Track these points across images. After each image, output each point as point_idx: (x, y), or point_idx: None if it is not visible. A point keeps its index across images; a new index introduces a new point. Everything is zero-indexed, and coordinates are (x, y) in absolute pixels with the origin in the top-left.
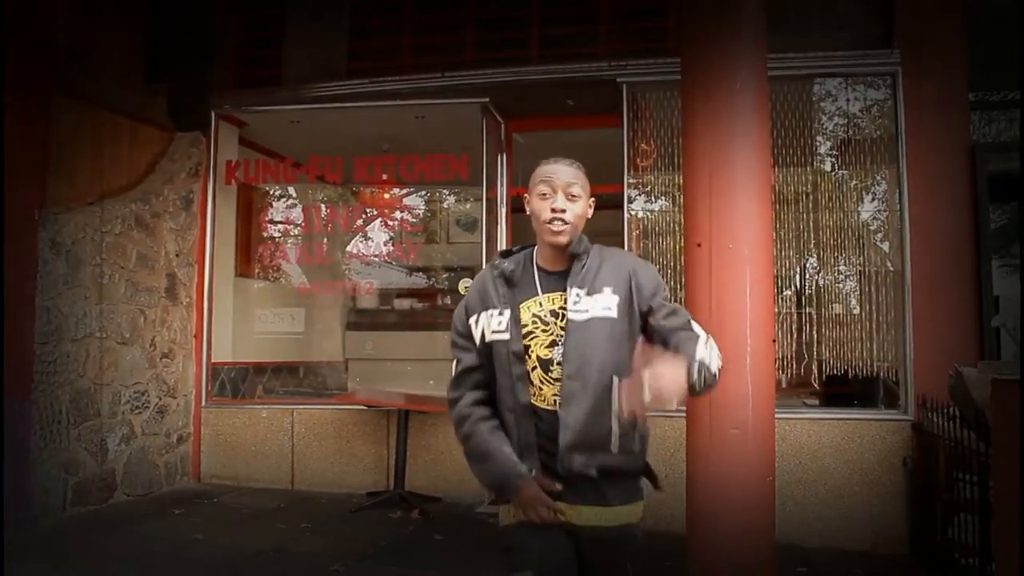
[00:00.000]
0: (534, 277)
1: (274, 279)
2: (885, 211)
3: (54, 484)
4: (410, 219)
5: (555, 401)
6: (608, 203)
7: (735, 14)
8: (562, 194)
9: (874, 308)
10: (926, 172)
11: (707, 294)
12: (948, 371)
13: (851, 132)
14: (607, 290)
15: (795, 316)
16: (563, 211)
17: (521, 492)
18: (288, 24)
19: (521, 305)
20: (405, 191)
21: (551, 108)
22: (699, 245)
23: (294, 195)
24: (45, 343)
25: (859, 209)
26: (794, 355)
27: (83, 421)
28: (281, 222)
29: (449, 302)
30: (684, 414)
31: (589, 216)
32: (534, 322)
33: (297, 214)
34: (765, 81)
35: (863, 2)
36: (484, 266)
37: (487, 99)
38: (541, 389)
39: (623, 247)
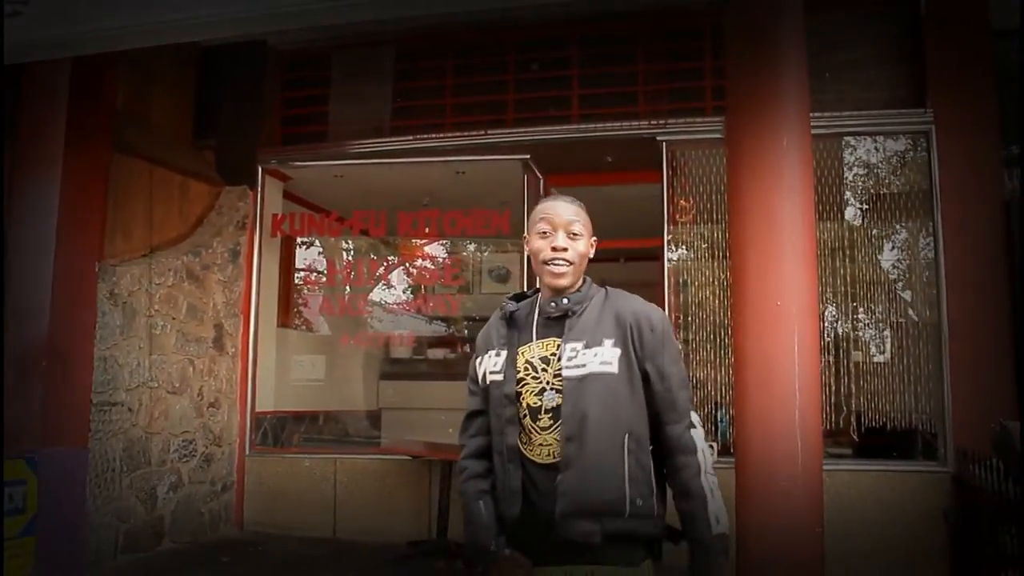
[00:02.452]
0: (534, 321)
1: (312, 330)
2: (920, 263)
3: (107, 531)
4: (434, 267)
5: (544, 453)
6: (646, 255)
7: (779, 74)
8: (563, 232)
9: (911, 360)
10: (961, 226)
11: (757, 351)
12: (990, 424)
13: (883, 187)
14: (607, 342)
15: (832, 367)
16: (564, 250)
17: (491, 571)
18: (333, 83)
19: (519, 348)
20: (439, 242)
21: (590, 164)
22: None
23: (332, 247)
24: (101, 392)
25: (893, 262)
26: (832, 406)
27: (135, 469)
28: (314, 270)
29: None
30: (733, 466)
31: (591, 256)
32: (527, 368)
33: (335, 265)
34: (809, 137)
35: (895, 63)
36: None
37: (528, 156)
38: (531, 437)
39: (662, 298)
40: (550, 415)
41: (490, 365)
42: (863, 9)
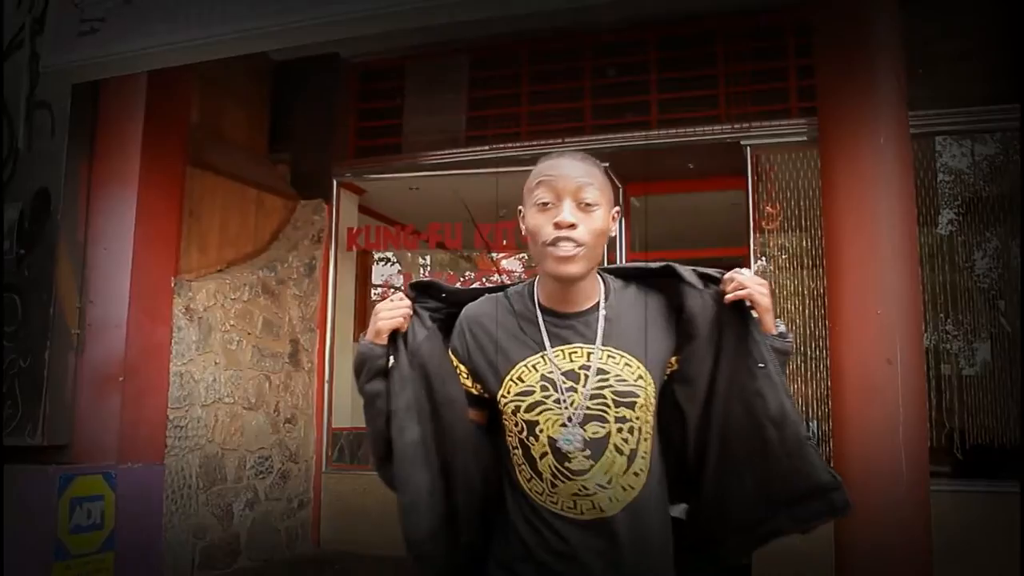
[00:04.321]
0: (538, 322)
1: None
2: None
3: (183, 548)
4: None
5: (585, 506)
6: (732, 265)
7: (874, 68)
8: (571, 201)
9: (1016, 371)
10: None
11: (856, 363)
12: None
13: (977, 190)
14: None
15: (933, 381)
16: (572, 226)
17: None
18: (407, 94)
19: (522, 362)
20: (516, 256)
21: (672, 171)
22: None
23: (410, 262)
24: (178, 408)
25: (985, 270)
26: (932, 421)
27: (211, 486)
28: (391, 287)
29: None
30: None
31: (612, 233)
32: (544, 388)
33: (402, 279)
34: (907, 135)
35: (991, 58)
36: None
37: (607, 164)
38: (554, 486)
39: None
40: (587, 453)
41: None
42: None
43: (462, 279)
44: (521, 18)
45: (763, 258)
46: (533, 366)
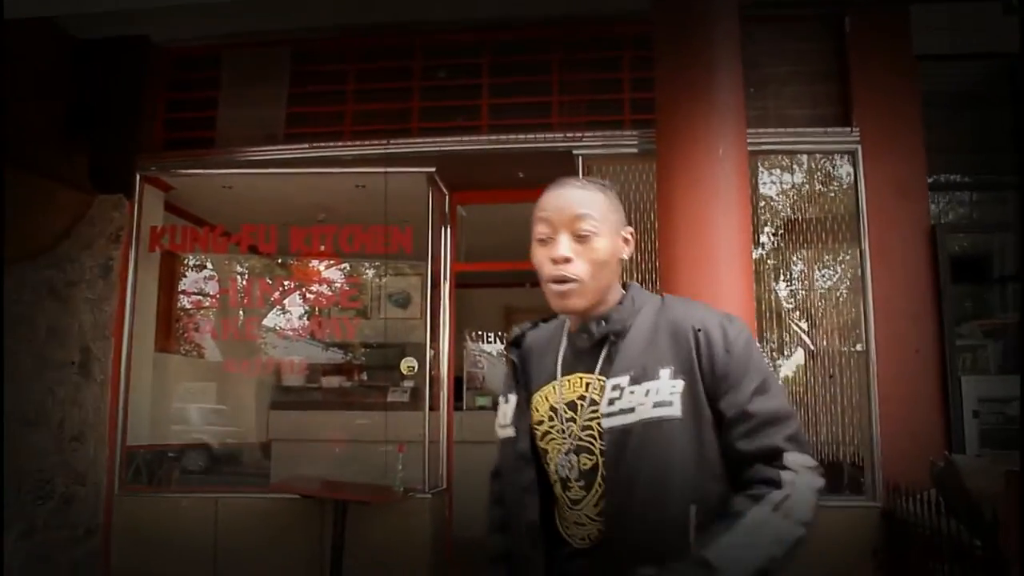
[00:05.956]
0: (560, 352)
1: (195, 354)
2: (847, 290)
3: None
4: (329, 292)
5: (580, 534)
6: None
7: (714, 82)
8: (566, 234)
9: (838, 390)
10: (887, 252)
11: None
12: (926, 456)
13: (808, 210)
14: (664, 373)
15: None
16: (567, 260)
17: None
18: (223, 85)
19: (542, 389)
20: (335, 263)
21: (501, 179)
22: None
23: (225, 268)
24: None
25: (820, 287)
26: None
27: None
28: (203, 294)
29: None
30: None
31: (625, 258)
32: (550, 417)
33: (216, 286)
34: (745, 148)
35: (820, 82)
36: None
37: (433, 168)
38: (564, 513)
39: None
40: (581, 483)
41: (500, 416)
42: (787, 25)
43: (280, 287)
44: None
45: None
46: (545, 396)
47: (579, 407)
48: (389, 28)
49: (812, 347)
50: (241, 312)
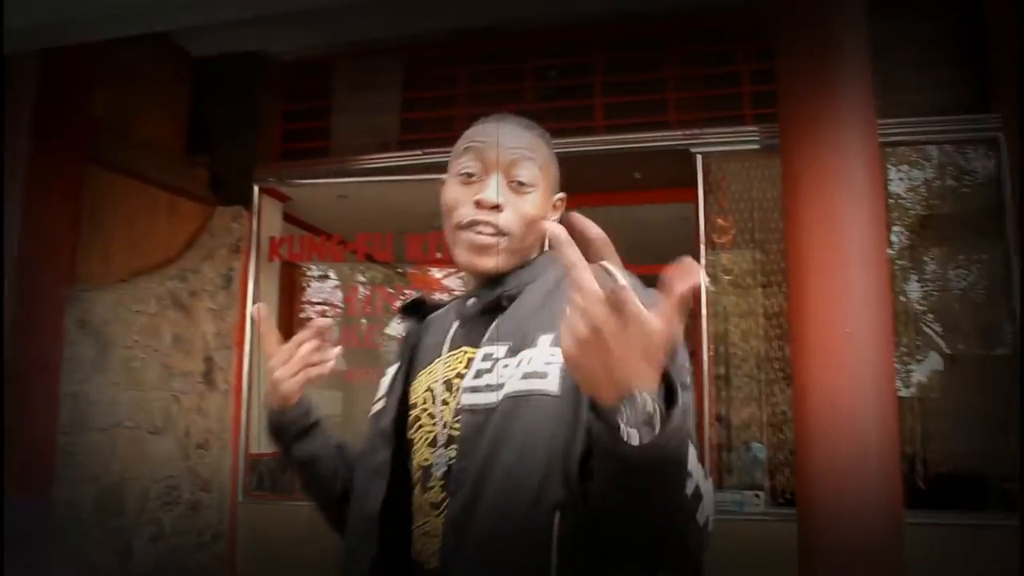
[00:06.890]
0: (450, 326)
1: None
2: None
3: None
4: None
5: (428, 549)
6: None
7: (840, 70)
8: (501, 176)
9: (980, 398)
10: None
11: (822, 387)
12: None
13: (947, 204)
14: (544, 340)
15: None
16: (496, 207)
17: None
18: (336, 94)
19: (427, 368)
20: (454, 271)
21: (616, 181)
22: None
23: (347, 277)
24: (68, 433)
25: (954, 287)
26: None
27: (107, 520)
28: (326, 303)
29: None
30: (796, 519)
31: (552, 222)
32: (424, 400)
33: (339, 294)
34: (876, 140)
35: (953, 65)
36: None
37: None
38: (418, 523)
39: (700, 331)
40: (442, 483)
41: (378, 392)
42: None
43: (402, 295)
44: (460, 15)
45: (721, 271)
46: (426, 376)
47: (455, 387)
48: (499, 30)
49: (948, 351)
50: (363, 320)
